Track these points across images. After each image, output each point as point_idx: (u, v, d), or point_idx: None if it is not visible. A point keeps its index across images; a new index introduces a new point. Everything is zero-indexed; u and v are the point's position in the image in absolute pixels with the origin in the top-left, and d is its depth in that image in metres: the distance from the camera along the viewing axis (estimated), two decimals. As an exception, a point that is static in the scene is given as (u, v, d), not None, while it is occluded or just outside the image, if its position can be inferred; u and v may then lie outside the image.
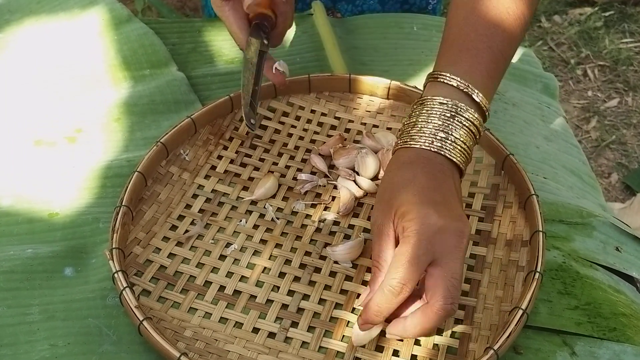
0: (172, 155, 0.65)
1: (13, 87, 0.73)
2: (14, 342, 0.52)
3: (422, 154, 0.51)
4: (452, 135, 0.52)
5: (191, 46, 0.80)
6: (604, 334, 0.54)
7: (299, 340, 0.53)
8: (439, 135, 0.51)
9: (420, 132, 0.52)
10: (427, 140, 0.51)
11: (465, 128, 0.52)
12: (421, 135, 0.52)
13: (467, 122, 0.52)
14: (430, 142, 0.51)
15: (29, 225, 0.60)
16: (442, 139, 0.51)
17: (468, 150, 0.53)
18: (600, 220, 0.64)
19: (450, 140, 0.51)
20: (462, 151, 0.52)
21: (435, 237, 0.47)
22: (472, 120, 0.52)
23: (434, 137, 0.51)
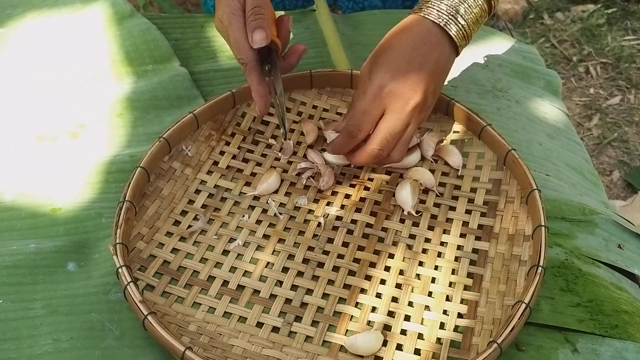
0: (174, 151, 0.65)
1: (15, 82, 0.73)
2: (17, 337, 0.52)
3: (424, 23, 0.59)
4: (459, 15, 0.59)
5: (194, 42, 0.80)
6: (605, 331, 0.54)
7: (302, 334, 0.53)
8: (444, 9, 0.59)
9: (430, 4, 0.60)
10: (432, 12, 0.59)
11: (472, 13, 0.60)
12: (429, 7, 0.60)
13: (475, 5, 0.60)
14: (435, 15, 0.59)
15: (32, 220, 0.60)
16: (447, 14, 0.59)
17: (469, 31, 0.61)
18: (602, 217, 0.64)
19: (454, 18, 0.59)
20: (462, 29, 0.60)
21: (386, 97, 0.58)
22: (480, 4, 0.60)
23: (440, 11, 0.59)
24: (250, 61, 0.60)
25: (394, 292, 0.56)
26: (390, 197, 0.63)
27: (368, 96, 0.58)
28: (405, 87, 0.58)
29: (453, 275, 0.57)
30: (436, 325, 0.54)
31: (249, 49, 0.59)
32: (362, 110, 0.58)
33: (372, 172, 0.65)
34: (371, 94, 0.58)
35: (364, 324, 0.54)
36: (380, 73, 0.58)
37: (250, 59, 0.59)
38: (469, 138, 0.67)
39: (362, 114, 0.58)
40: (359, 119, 0.59)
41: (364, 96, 0.59)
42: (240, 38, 0.59)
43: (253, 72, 0.60)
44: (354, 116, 0.59)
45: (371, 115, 0.59)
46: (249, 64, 0.60)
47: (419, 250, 0.59)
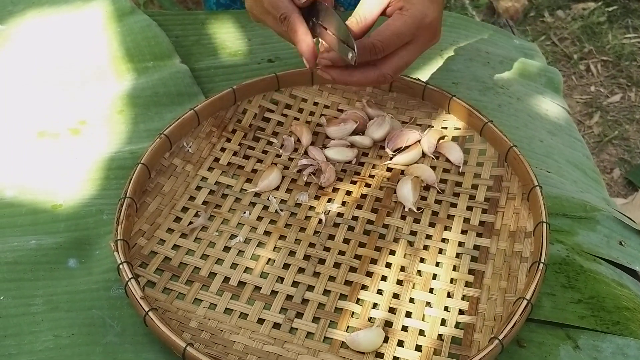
0: (175, 148, 0.65)
1: (16, 79, 0.73)
2: (18, 333, 0.52)
3: None
4: None
5: (195, 38, 0.80)
6: (607, 327, 0.54)
7: (303, 330, 0.53)
8: None
9: None
10: None
11: None
12: None
13: None
14: None
15: (33, 216, 0.60)
16: None
17: None
18: (604, 214, 0.64)
19: None
20: None
21: (423, 28, 0.56)
22: None
23: None
24: (292, 13, 0.56)
25: (395, 289, 0.56)
26: (391, 193, 0.63)
27: (408, 20, 0.55)
28: (438, 24, 0.58)
29: (454, 272, 0.57)
30: (437, 322, 0.54)
31: (286, 1, 0.56)
32: (397, 33, 0.55)
33: (373, 168, 0.65)
34: (412, 20, 0.56)
35: (365, 320, 0.54)
36: (427, 3, 0.56)
37: (291, 11, 0.56)
38: (470, 135, 0.67)
39: (395, 35, 0.55)
40: (389, 40, 0.55)
41: (402, 18, 0.55)
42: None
43: (297, 23, 0.56)
44: (385, 35, 0.55)
45: (402, 40, 0.56)
46: (292, 16, 0.56)
47: (420, 247, 0.59)
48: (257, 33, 0.81)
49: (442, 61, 0.79)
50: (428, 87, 0.69)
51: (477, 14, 2.09)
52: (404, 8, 0.56)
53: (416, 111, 0.70)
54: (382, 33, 0.56)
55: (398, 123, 0.68)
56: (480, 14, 2.10)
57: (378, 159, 0.66)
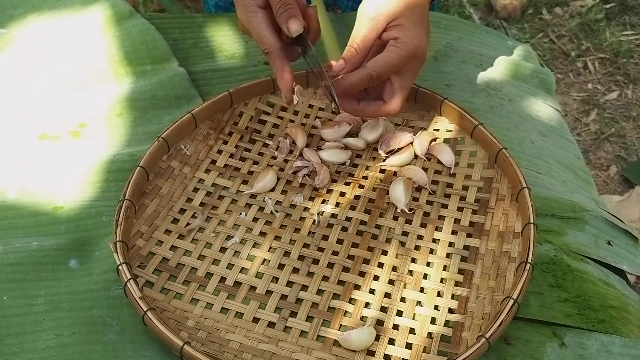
0: (173, 150, 0.66)
1: (17, 82, 0.75)
2: (21, 332, 0.53)
3: None
4: None
5: (192, 42, 0.81)
6: (593, 325, 0.56)
7: (297, 329, 0.55)
8: None
9: None
10: None
11: None
12: None
13: None
14: None
15: (34, 218, 0.62)
16: None
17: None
18: (592, 214, 0.66)
19: None
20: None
21: (417, 58, 0.60)
22: None
23: None
24: (274, 49, 0.60)
25: (387, 288, 0.58)
26: (384, 194, 0.64)
27: (403, 53, 0.59)
28: (427, 51, 0.61)
29: (444, 272, 0.59)
30: (427, 320, 0.56)
31: (271, 38, 0.60)
32: (391, 64, 0.59)
33: (367, 170, 0.67)
34: (407, 52, 0.59)
35: (358, 319, 0.56)
36: (420, 34, 0.60)
37: (273, 47, 0.60)
38: (461, 137, 0.68)
39: (390, 67, 0.59)
40: (384, 70, 0.59)
41: (397, 51, 0.59)
42: (261, 30, 0.60)
43: (277, 59, 0.60)
44: (381, 65, 0.59)
45: (396, 70, 0.60)
46: (273, 52, 0.60)
47: (411, 247, 0.61)
48: (254, 36, 0.82)
49: (436, 63, 0.81)
50: (420, 90, 0.70)
51: (474, 11, 2.10)
52: (398, 40, 0.59)
53: (409, 113, 0.71)
54: (378, 64, 0.59)
55: (391, 125, 0.69)
56: (477, 12, 2.11)
57: (371, 160, 0.68)
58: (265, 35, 0.60)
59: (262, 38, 0.61)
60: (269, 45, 0.60)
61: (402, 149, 0.67)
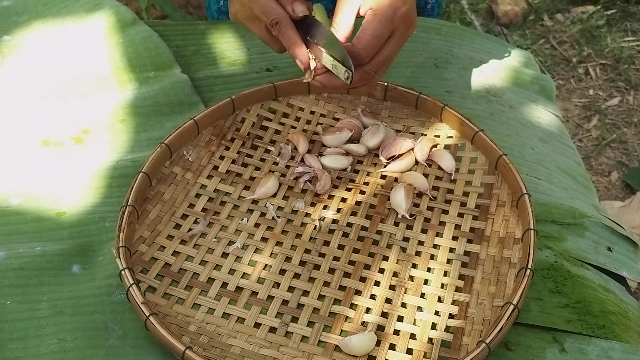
0: (175, 156, 0.67)
1: (21, 88, 0.75)
2: (24, 337, 0.54)
3: None
4: None
5: (194, 48, 0.82)
6: (593, 331, 0.56)
7: (299, 334, 0.55)
8: None
9: None
10: None
11: None
12: None
13: None
14: None
15: (38, 224, 0.62)
16: None
17: None
18: (592, 220, 0.66)
19: None
20: None
21: (397, 21, 0.58)
22: None
23: None
24: (284, 18, 0.58)
25: (387, 294, 0.58)
26: (385, 200, 0.65)
27: (382, 19, 0.57)
28: (412, 14, 0.59)
29: (445, 277, 0.59)
30: (428, 326, 0.56)
31: (278, 8, 0.58)
32: (375, 34, 0.57)
33: (368, 176, 0.67)
34: (385, 17, 0.57)
35: (359, 324, 0.56)
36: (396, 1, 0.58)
37: (282, 16, 0.58)
38: (461, 143, 0.69)
39: (374, 37, 0.57)
40: (370, 43, 0.57)
41: (375, 18, 0.57)
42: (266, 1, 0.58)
43: (288, 27, 0.58)
44: (365, 40, 0.57)
45: (382, 39, 0.58)
46: (283, 20, 0.58)
47: (412, 253, 0.61)
48: (256, 43, 0.83)
49: (436, 70, 0.81)
50: (421, 97, 0.70)
51: (476, 17, 2.11)
52: (373, 8, 0.58)
53: (410, 120, 0.72)
54: (362, 39, 0.57)
55: (392, 131, 0.70)
56: (479, 18, 2.12)
57: (372, 166, 0.68)
58: (271, 6, 0.58)
59: (268, 9, 0.58)
60: (277, 15, 0.58)
61: (403, 155, 0.68)
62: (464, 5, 2.14)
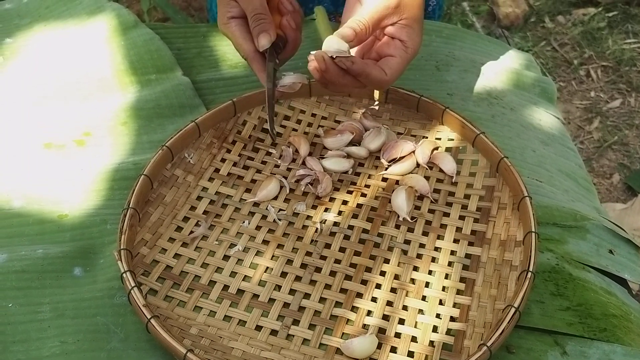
0: (177, 159, 0.67)
1: (23, 91, 0.75)
2: (26, 339, 0.54)
3: None
4: None
5: (196, 51, 0.82)
6: (594, 334, 0.56)
7: (300, 337, 0.55)
8: None
9: None
10: None
11: None
12: None
13: None
14: None
15: (40, 226, 0.62)
16: None
17: None
18: (594, 223, 0.66)
19: None
20: None
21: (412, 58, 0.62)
22: None
23: None
24: (250, 53, 0.65)
25: (389, 296, 0.58)
26: (386, 203, 0.65)
27: (410, 57, 0.62)
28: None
29: (446, 280, 0.59)
30: (429, 329, 0.56)
31: (245, 44, 0.65)
32: (401, 70, 0.62)
33: (369, 178, 0.67)
34: (412, 56, 0.63)
35: (360, 327, 0.56)
36: (419, 39, 0.63)
37: (249, 52, 0.65)
38: (463, 146, 0.69)
39: (399, 72, 0.62)
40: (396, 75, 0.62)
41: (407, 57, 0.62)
42: (236, 39, 0.65)
43: (254, 62, 0.65)
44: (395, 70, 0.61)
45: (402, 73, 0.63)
46: (250, 56, 0.65)
47: (413, 256, 0.61)
48: (257, 45, 0.83)
49: (438, 72, 0.81)
50: (422, 99, 0.71)
51: (477, 20, 2.11)
52: (405, 44, 0.62)
53: (411, 122, 0.72)
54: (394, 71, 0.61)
55: (393, 134, 0.70)
56: (480, 20, 2.12)
57: (374, 169, 0.68)
58: (240, 43, 0.65)
59: (238, 45, 0.66)
60: (244, 51, 0.65)
61: (404, 157, 0.68)
62: (465, 7, 2.14)
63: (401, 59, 0.62)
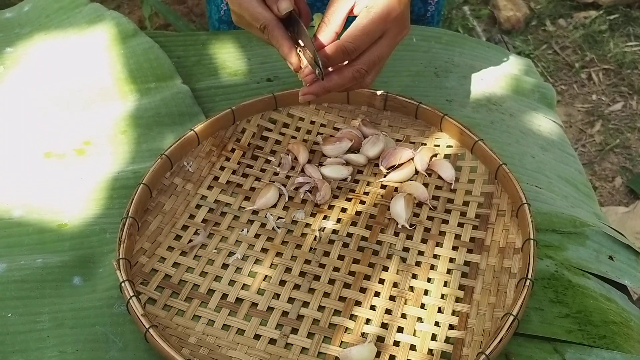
0: (176, 167, 0.67)
1: (23, 100, 0.76)
2: (25, 349, 0.54)
3: None
4: None
5: (196, 59, 0.82)
6: (594, 341, 0.56)
7: (298, 346, 0.55)
8: None
9: None
10: None
11: None
12: None
13: None
14: None
15: (39, 235, 0.62)
16: None
17: None
18: (593, 229, 0.66)
19: None
20: None
21: (391, 22, 0.57)
22: None
23: None
24: (271, 21, 0.59)
25: (387, 304, 0.58)
26: (385, 210, 0.65)
27: (375, 17, 0.57)
28: (406, 17, 0.59)
29: (445, 288, 0.59)
30: (428, 337, 0.56)
31: (265, 12, 0.59)
32: (365, 31, 0.57)
33: (368, 186, 0.67)
34: (379, 16, 0.57)
35: (358, 335, 0.56)
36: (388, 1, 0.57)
37: (269, 20, 0.59)
38: (461, 152, 0.69)
39: (364, 34, 0.57)
40: (359, 39, 0.57)
41: (369, 15, 0.57)
42: (253, 8, 0.60)
43: (276, 29, 0.59)
44: (355, 35, 0.57)
45: (372, 37, 0.58)
46: (270, 23, 0.59)
47: (412, 263, 0.61)
48: (257, 53, 0.83)
49: (437, 79, 0.81)
50: (421, 106, 0.71)
51: (478, 23, 2.11)
52: (369, 6, 0.57)
53: (410, 129, 0.72)
54: (352, 34, 0.57)
55: (392, 141, 0.70)
56: (481, 24, 2.12)
57: (372, 176, 0.68)
58: (258, 12, 0.59)
59: (255, 15, 0.60)
60: (264, 19, 0.59)
61: (402, 164, 0.68)
62: (466, 11, 2.15)
63: (361, 19, 0.57)
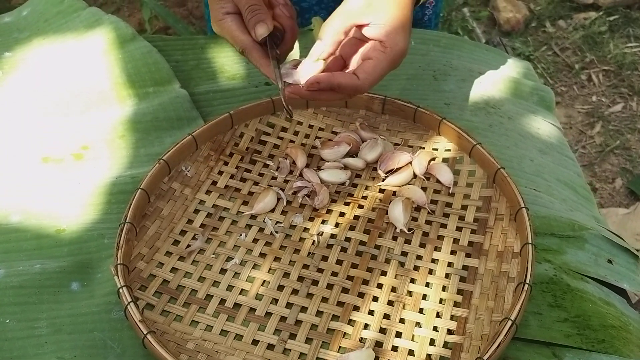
0: (174, 172, 0.67)
1: (21, 104, 0.76)
2: (23, 355, 0.54)
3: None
4: None
5: (194, 63, 0.82)
6: (592, 345, 0.56)
7: (297, 351, 0.55)
8: None
9: None
10: None
11: None
12: None
13: None
14: None
15: (37, 241, 0.62)
16: None
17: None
18: (592, 233, 0.66)
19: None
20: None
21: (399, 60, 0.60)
22: None
23: None
24: (248, 44, 0.62)
25: (386, 309, 0.58)
26: (383, 214, 0.65)
27: (392, 61, 0.59)
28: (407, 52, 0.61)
29: (443, 292, 0.59)
30: (426, 342, 0.56)
31: (242, 36, 0.62)
32: (382, 74, 0.59)
33: (366, 190, 0.67)
34: (393, 56, 0.59)
35: (357, 340, 0.56)
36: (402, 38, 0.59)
37: (246, 43, 0.62)
38: (460, 156, 0.69)
39: (381, 77, 0.60)
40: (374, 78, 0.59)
41: (385, 58, 0.59)
42: (232, 32, 0.62)
43: (253, 51, 0.62)
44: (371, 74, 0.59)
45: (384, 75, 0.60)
46: (247, 47, 0.62)
47: (410, 268, 0.61)
48: (255, 56, 0.83)
49: (435, 82, 0.81)
50: (419, 110, 0.71)
51: (478, 25, 2.11)
52: (384, 44, 0.59)
53: (408, 133, 0.72)
54: (368, 74, 0.59)
55: (390, 145, 0.70)
56: (481, 26, 2.12)
57: (371, 180, 0.68)
58: (236, 36, 0.62)
59: (234, 39, 0.62)
60: (241, 43, 0.62)
61: (401, 168, 0.68)
62: (465, 13, 2.14)
63: (377, 60, 0.59)
